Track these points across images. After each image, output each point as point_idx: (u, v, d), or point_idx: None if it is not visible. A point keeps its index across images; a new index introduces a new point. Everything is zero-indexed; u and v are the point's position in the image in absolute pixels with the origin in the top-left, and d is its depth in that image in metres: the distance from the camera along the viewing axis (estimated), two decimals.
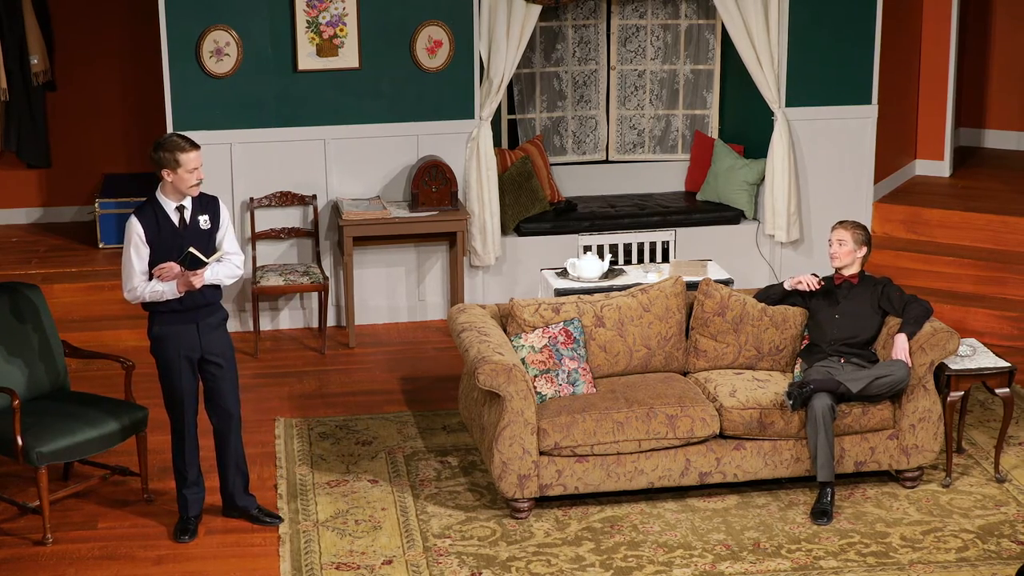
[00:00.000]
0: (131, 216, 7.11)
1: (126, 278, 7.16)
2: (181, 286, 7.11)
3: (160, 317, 7.21)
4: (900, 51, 11.27)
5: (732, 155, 10.86)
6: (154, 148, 7.06)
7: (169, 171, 7.04)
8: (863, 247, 7.90)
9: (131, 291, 7.17)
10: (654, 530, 7.40)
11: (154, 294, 7.13)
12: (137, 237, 7.07)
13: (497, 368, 7.37)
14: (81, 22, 11.21)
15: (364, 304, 10.39)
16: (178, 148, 7.01)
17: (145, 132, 11.32)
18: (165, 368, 7.26)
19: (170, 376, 7.26)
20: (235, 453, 7.45)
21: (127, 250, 7.12)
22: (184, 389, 7.27)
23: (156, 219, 7.10)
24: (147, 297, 7.14)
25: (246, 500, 7.53)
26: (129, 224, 7.10)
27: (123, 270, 7.17)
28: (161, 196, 7.13)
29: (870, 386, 7.55)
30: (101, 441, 7.45)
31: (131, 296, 7.18)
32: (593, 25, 11.08)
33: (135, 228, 7.08)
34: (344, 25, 9.98)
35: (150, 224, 7.09)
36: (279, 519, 7.51)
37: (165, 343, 7.22)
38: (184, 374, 7.25)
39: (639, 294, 8.10)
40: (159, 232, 7.10)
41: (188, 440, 7.36)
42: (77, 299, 9.93)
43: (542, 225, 10.57)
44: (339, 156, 10.22)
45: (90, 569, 7.07)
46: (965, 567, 7.04)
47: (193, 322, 7.23)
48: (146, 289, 7.12)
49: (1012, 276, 10.32)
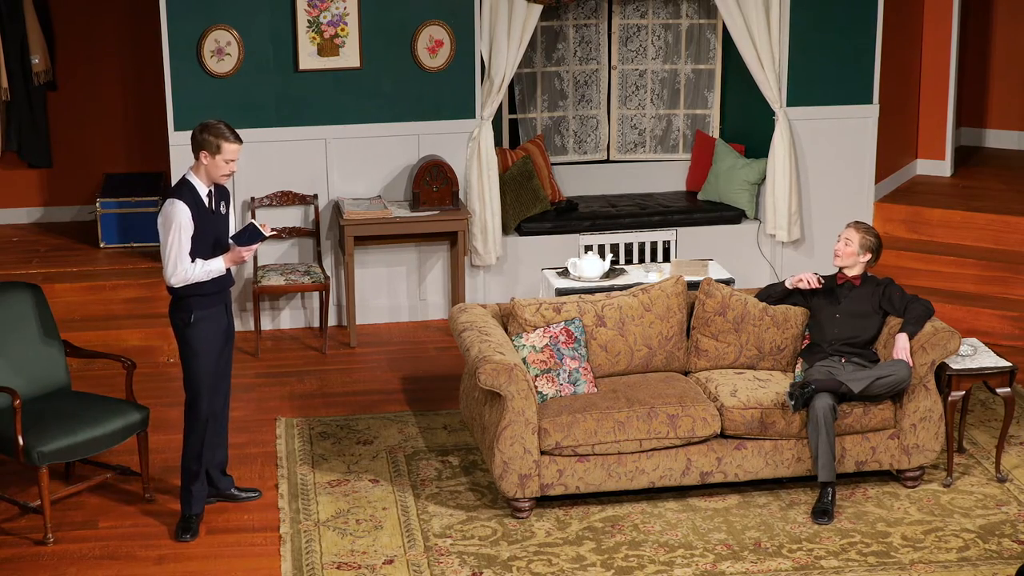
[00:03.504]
0: (173, 201, 7.11)
1: (174, 261, 7.12)
2: (229, 261, 7.21)
3: (198, 301, 7.24)
4: (901, 51, 11.27)
5: (733, 155, 10.86)
6: (200, 129, 7.11)
7: (207, 154, 7.10)
8: (868, 253, 7.88)
9: (180, 273, 7.14)
10: (655, 530, 7.40)
11: (207, 273, 7.18)
12: (186, 219, 7.09)
13: (498, 368, 7.37)
14: (82, 22, 11.21)
15: (365, 304, 10.39)
16: (223, 136, 7.09)
17: (146, 132, 11.32)
18: (201, 351, 7.29)
19: (206, 359, 7.30)
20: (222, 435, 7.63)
21: (174, 234, 7.09)
22: (214, 371, 7.34)
23: (195, 202, 7.16)
24: (199, 277, 7.16)
25: (226, 480, 7.69)
26: (174, 208, 7.09)
27: (169, 253, 7.12)
28: (194, 179, 7.18)
29: (872, 386, 7.55)
30: (102, 441, 7.45)
31: (178, 279, 7.16)
32: (594, 25, 11.08)
33: (183, 211, 7.09)
34: (345, 25, 9.98)
35: (191, 206, 7.13)
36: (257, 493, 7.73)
37: (204, 326, 7.26)
38: (215, 356, 7.33)
39: (640, 294, 8.10)
40: (198, 214, 7.16)
41: (211, 424, 7.42)
42: (78, 299, 9.92)
43: (543, 225, 10.57)
44: (340, 156, 10.23)
45: (91, 569, 7.07)
46: (966, 567, 7.04)
47: (223, 303, 7.35)
48: (197, 270, 7.15)
49: (1013, 276, 10.32)
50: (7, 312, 7.66)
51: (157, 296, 9.97)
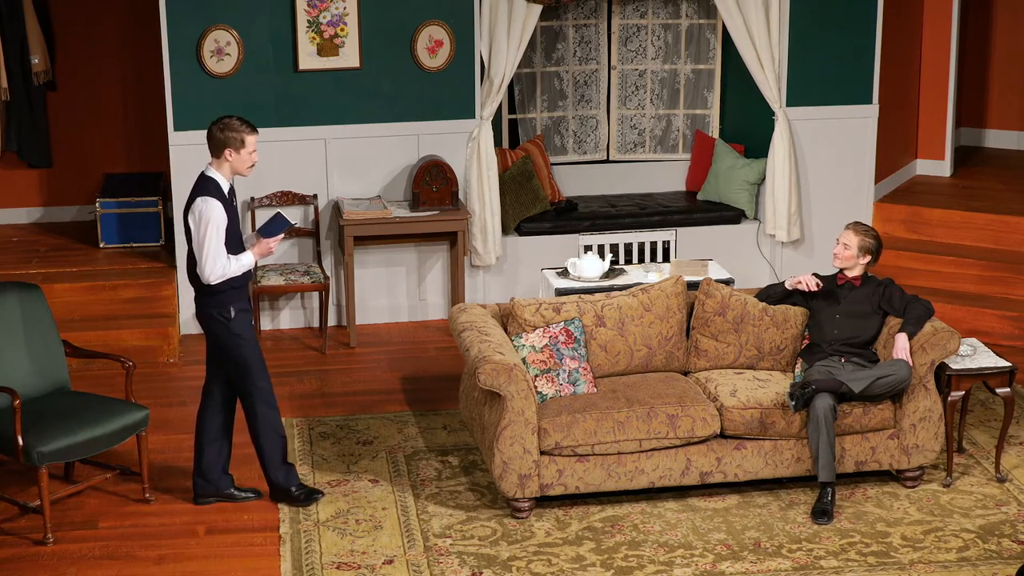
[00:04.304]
0: (206, 199, 7.20)
1: (212, 259, 7.21)
2: (258, 253, 7.36)
3: (234, 294, 7.36)
4: (901, 50, 11.27)
5: (733, 155, 10.86)
6: (219, 128, 7.22)
7: (232, 151, 7.23)
8: (867, 255, 7.88)
9: (219, 270, 7.24)
10: (655, 530, 7.40)
11: (241, 267, 7.31)
12: (220, 216, 7.21)
13: (498, 368, 7.37)
14: (82, 22, 11.20)
15: (365, 304, 10.39)
16: (244, 130, 7.24)
17: (145, 132, 11.32)
18: (246, 336, 7.41)
19: (250, 343, 7.42)
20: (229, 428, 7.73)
21: (209, 232, 7.19)
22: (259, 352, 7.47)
23: (222, 198, 7.27)
24: (235, 272, 7.28)
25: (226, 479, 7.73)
26: (208, 206, 7.19)
27: (206, 252, 7.20)
28: (216, 175, 7.29)
29: (872, 386, 7.55)
30: (102, 441, 7.45)
31: (216, 276, 7.25)
32: (594, 25, 11.08)
33: (217, 208, 7.20)
34: (345, 25, 9.98)
35: (222, 202, 7.25)
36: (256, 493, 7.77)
37: (242, 318, 7.40)
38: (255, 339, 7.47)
39: (640, 294, 8.10)
40: (227, 210, 7.28)
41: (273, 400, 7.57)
42: (77, 299, 9.92)
43: (543, 225, 10.57)
44: (340, 156, 10.23)
45: (91, 569, 7.07)
46: (966, 567, 7.04)
47: (249, 295, 7.52)
48: (233, 265, 7.28)
49: (1013, 276, 10.32)
50: (7, 312, 7.66)
51: (157, 296, 9.98)
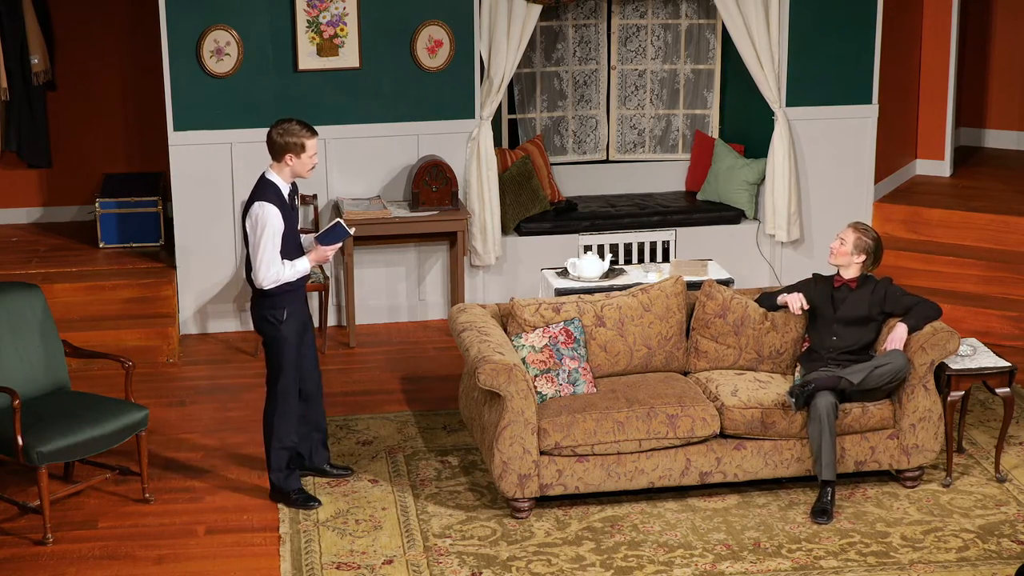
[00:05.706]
0: (263, 204, 7.23)
1: (267, 264, 7.24)
2: (314, 260, 7.41)
3: (289, 297, 7.39)
4: (900, 50, 11.28)
5: (732, 155, 10.86)
6: (279, 133, 7.27)
7: (293, 155, 7.29)
8: (862, 255, 7.84)
9: (272, 276, 7.28)
10: (654, 530, 7.40)
11: (295, 273, 7.35)
12: (277, 222, 7.24)
13: (498, 368, 7.37)
14: (81, 22, 11.20)
15: (364, 304, 10.39)
16: (304, 135, 7.28)
17: (145, 132, 11.32)
18: (292, 337, 7.45)
19: (293, 350, 7.47)
20: (320, 413, 7.79)
21: (267, 237, 7.22)
22: (296, 356, 7.51)
23: (280, 202, 7.29)
24: (289, 278, 7.32)
25: (323, 455, 7.86)
26: (265, 211, 7.22)
27: (261, 257, 7.23)
28: (276, 178, 7.33)
29: (870, 376, 7.53)
30: (101, 441, 7.45)
31: (270, 282, 7.29)
32: (593, 25, 11.08)
33: (274, 214, 7.23)
34: (344, 25, 9.98)
35: (280, 208, 7.27)
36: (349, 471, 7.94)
37: (292, 320, 7.44)
38: (298, 342, 7.51)
39: (639, 294, 8.10)
40: (284, 214, 7.30)
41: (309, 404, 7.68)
42: (77, 299, 9.92)
43: (542, 225, 10.57)
44: (340, 156, 10.23)
45: (90, 569, 7.07)
46: (965, 567, 7.04)
47: (304, 295, 7.55)
48: (287, 271, 7.31)
49: (1013, 276, 10.33)
50: (7, 312, 7.66)
51: (157, 296, 9.98)
